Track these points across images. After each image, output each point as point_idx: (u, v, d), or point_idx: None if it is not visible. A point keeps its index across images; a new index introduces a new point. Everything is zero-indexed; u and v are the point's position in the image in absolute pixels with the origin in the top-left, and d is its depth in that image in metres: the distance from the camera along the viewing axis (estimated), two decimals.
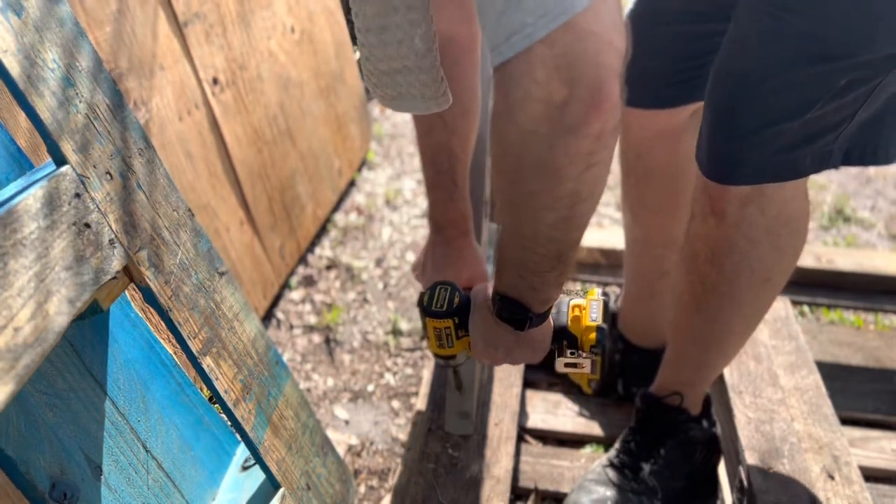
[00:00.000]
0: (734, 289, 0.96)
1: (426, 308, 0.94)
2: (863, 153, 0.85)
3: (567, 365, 0.93)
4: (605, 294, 0.96)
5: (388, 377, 1.56)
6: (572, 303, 0.93)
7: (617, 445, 1.17)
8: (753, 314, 1.02)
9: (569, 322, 0.92)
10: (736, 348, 1.07)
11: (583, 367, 0.93)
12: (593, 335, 0.91)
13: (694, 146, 0.93)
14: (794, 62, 0.79)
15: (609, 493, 1.12)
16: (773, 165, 0.85)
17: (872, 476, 1.22)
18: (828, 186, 2.33)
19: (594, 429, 1.33)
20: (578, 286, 1.83)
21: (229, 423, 0.88)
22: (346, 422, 1.45)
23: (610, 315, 0.96)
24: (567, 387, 1.45)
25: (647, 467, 1.12)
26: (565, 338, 0.92)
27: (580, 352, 0.92)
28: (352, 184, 2.32)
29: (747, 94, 0.84)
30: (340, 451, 1.35)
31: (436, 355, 1.01)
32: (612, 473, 1.14)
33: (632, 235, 1.30)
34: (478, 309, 0.90)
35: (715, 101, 0.87)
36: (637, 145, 1.17)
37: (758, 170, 0.86)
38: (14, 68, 0.56)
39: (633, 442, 1.15)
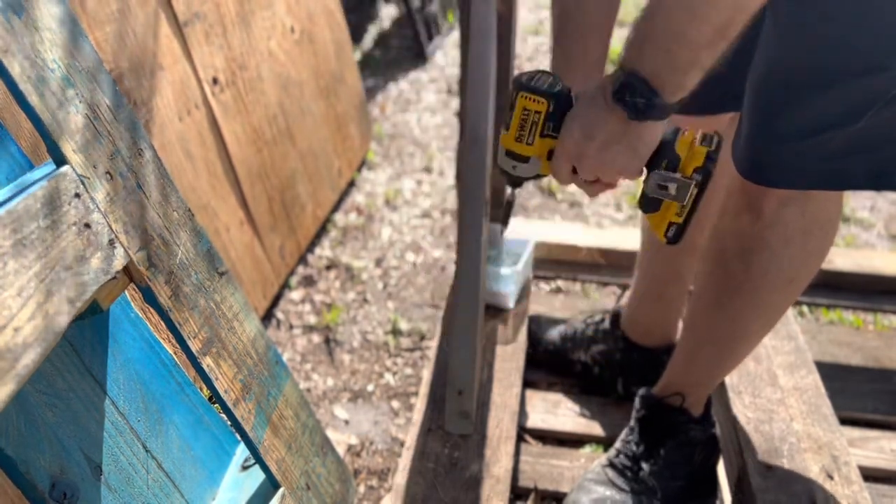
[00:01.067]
0: (759, 288, 0.95)
1: (524, 83, 0.81)
2: None
3: (660, 187, 0.80)
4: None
5: (388, 377, 1.56)
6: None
7: (617, 445, 1.17)
8: (773, 315, 1.01)
9: (677, 140, 0.80)
10: (749, 349, 1.06)
11: (676, 193, 0.80)
12: (702, 158, 0.79)
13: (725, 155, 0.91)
14: (833, 70, 0.77)
15: (608, 492, 1.12)
16: (821, 173, 0.84)
17: (871, 476, 1.22)
18: None
19: (594, 428, 1.33)
20: (578, 286, 1.83)
21: (229, 422, 0.88)
22: (346, 422, 1.45)
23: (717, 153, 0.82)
24: (567, 387, 1.45)
25: (646, 467, 1.12)
26: (666, 156, 0.79)
27: (681, 175, 0.79)
28: (352, 184, 2.32)
29: (786, 100, 0.82)
30: (340, 451, 1.35)
31: (507, 153, 0.86)
32: (611, 473, 1.14)
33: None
34: (584, 95, 0.79)
35: (753, 103, 0.86)
36: None
37: (804, 176, 0.84)
38: (14, 68, 0.56)
39: (632, 442, 1.15)
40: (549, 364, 1.46)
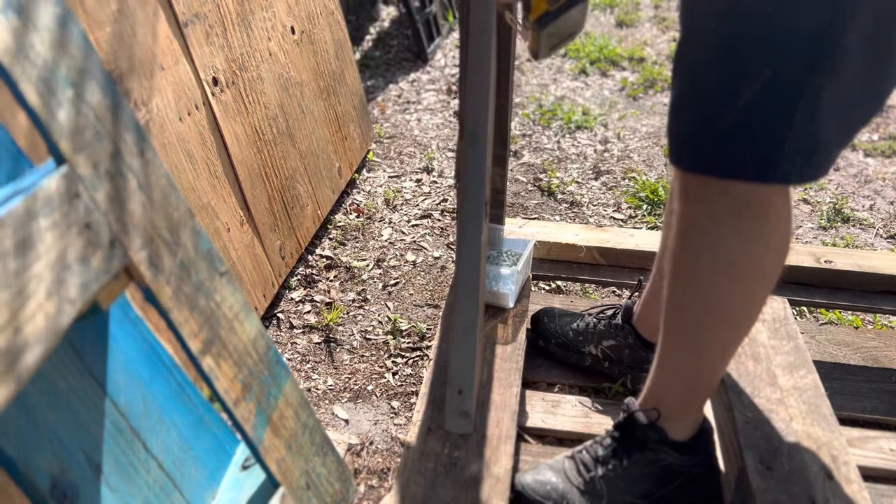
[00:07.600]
0: (695, 268, 0.93)
1: None
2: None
3: (514, 20, 1.08)
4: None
5: (388, 377, 1.56)
6: None
7: (588, 442, 1.17)
8: (721, 308, 0.95)
9: None
10: (710, 355, 1.00)
11: (520, 28, 1.06)
12: (542, 10, 1.01)
13: None
14: (717, 43, 0.78)
15: (555, 479, 1.11)
16: (712, 158, 0.83)
17: (871, 476, 1.22)
18: (826, 186, 2.33)
19: (593, 428, 1.33)
20: (577, 286, 1.83)
21: (229, 422, 0.88)
22: (346, 421, 1.45)
23: (571, 9, 1.03)
24: (567, 387, 1.45)
25: (601, 471, 1.10)
26: None
27: (528, 17, 1.04)
28: (352, 184, 2.32)
29: (684, 76, 0.84)
30: (340, 450, 1.35)
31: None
32: (568, 464, 1.13)
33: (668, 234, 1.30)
34: None
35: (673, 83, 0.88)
36: None
37: (701, 159, 0.85)
38: (14, 68, 0.56)
39: (601, 444, 1.14)
40: (559, 358, 1.46)
